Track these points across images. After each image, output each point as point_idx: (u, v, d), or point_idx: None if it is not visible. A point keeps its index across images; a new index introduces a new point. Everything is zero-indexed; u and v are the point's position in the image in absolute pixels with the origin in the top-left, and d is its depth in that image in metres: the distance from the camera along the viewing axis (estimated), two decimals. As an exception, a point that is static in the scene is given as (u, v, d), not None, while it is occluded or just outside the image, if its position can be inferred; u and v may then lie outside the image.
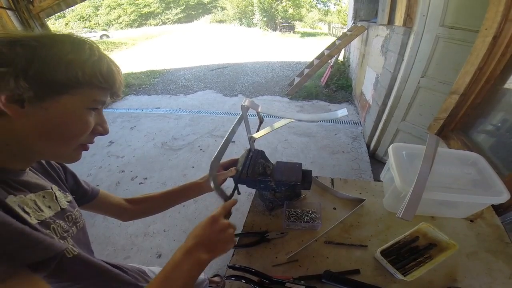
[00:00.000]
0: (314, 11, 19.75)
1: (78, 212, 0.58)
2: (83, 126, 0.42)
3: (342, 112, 0.70)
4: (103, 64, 0.41)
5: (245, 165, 0.85)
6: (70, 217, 0.54)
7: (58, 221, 0.48)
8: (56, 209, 0.50)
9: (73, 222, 0.55)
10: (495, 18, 0.99)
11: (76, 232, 0.55)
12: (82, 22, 21.13)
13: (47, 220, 0.45)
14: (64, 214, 0.52)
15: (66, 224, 0.51)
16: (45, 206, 0.47)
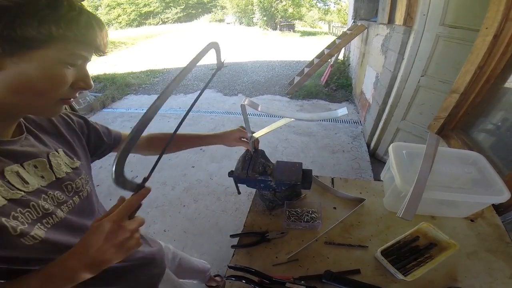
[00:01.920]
0: (314, 10, 19.69)
1: (82, 180, 0.56)
2: (58, 81, 0.41)
3: (342, 111, 0.70)
4: (81, 19, 0.39)
5: (245, 164, 0.85)
6: (70, 186, 0.52)
7: (52, 192, 0.48)
8: (50, 179, 0.49)
9: (74, 191, 0.53)
10: (495, 17, 0.98)
11: (79, 202, 0.54)
12: (81, 21, 21.06)
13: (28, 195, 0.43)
14: (62, 184, 0.51)
15: (64, 195, 0.50)
16: (36, 176, 0.46)
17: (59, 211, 0.49)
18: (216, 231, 1.92)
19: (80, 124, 0.64)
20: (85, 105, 4.20)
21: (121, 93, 5.03)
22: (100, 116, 4.17)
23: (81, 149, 0.61)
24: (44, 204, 0.45)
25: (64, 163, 0.53)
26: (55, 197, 0.49)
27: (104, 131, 0.72)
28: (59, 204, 0.49)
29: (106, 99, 4.59)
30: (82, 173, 0.57)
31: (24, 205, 0.42)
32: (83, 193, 0.56)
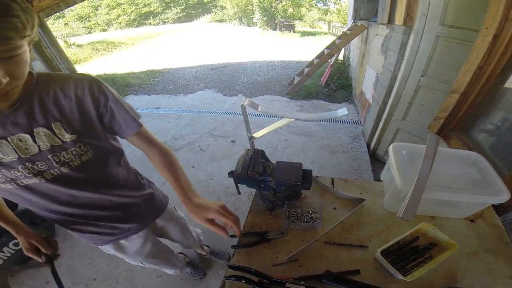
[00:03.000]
0: (314, 10, 19.69)
1: (73, 152, 0.63)
2: None
3: (342, 111, 0.70)
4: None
5: (245, 164, 0.85)
6: (55, 158, 0.61)
7: (28, 164, 0.58)
8: (33, 151, 0.58)
9: (62, 162, 0.62)
10: (495, 17, 0.98)
11: (69, 171, 0.64)
12: (81, 22, 21.10)
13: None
14: (46, 156, 0.60)
15: (42, 165, 0.60)
16: (22, 146, 0.56)
17: (36, 178, 0.61)
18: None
19: (97, 101, 0.65)
20: (85, 105, 4.20)
21: (121, 93, 5.02)
22: (100, 116, 4.17)
23: (82, 122, 0.64)
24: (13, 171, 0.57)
25: (54, 135, 0.60)
26: (32, 168, 0.59)
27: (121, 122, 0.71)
28: (39, 172, 0.61)
29: (106, 99, 4.59)
30: (73, 146, 0.63)
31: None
32: (74, 163, 0.65)
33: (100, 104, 0.66)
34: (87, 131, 0.66)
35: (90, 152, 0.67)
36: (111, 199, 0.80)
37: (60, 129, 0.60)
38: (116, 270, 1.71)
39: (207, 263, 1.72)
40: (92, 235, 0.85)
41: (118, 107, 0.70)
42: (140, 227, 0.94)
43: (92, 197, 0.75)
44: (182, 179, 0.75)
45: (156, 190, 1.03)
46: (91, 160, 0.68)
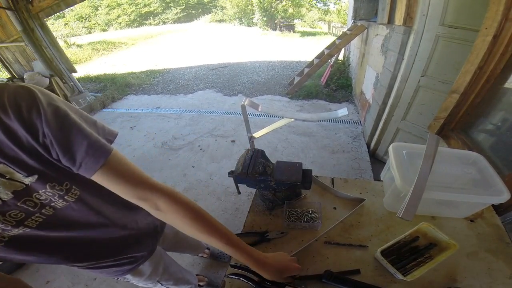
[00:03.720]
0: (314, 10, 19.70)
1: (47, 193, 0.49)
2: None
3: (342, 111, 0.70)
4: None
5: (245, 164, 0.85)
6: (30, 201, 0.48)
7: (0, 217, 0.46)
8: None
9: (40, 205, 0.49)
10: (495, 17, 0.98)
11: (54, 212, 0.52)
12: (81, 22, 21.10)
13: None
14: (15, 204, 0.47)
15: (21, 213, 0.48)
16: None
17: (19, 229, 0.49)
18: (216, 231, 1.92)
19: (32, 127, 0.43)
20: (85, 105, 4.20)
21: (121, 93, 5.04)
22: (100, 116, 4.17)
23: (37, 159, 0.45)
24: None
25: (7, 182, 0.44)
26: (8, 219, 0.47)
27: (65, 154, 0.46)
28: (19, 222, 0.49)
29: (106, 99, 4.60)
30: (47, 186, 0.48)
31: None
32: (58, 204, 0.52)
33: (37, 129, 0.43)
34: (49, 167, 0.47)
35: (74, 188, 0.53)
36: (118, 231, 0.70)
37: (10, 172, 0.44)
38: (116, 270, 1.71)
39: (207, 264, 1.72)
40: (109, 269, 0.75)
41: (66, 131, 0.45)
42: (153, 248, 0.88)
43: (96, 235, 0.64)
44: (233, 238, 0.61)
45: None
46: (81, 196, 0.55)
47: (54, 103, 0.45)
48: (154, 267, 0.91)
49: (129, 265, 0.79)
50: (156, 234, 0.90)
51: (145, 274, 0.88)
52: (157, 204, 0.56)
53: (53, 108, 0.45)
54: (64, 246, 0.59)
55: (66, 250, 0.60)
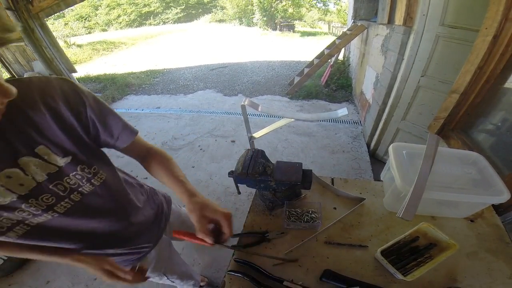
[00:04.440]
0: (314, 10, 19.70)
1: (77, 176, 0.54)
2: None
3: (342, 111, 0.70)
4: None
5: (245, 164, 0.85)
6: (61, 185, 0.52)
7: (33, 200, 0.49)
8: (31, 185, 0.49)
9: (69, 190, 0.54)
10: (495, 17, 0.98)
11: (81, 198, 0.57)
12: (81, 22, 21.10)
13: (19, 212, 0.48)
14: (47, 187, 0.51)
15: (52, 197, 0.52)
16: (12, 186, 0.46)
17: (47, 214, 0.52)
18: (216, 231, 1.92)
19: (76, 110, 0.53)
20: (85, 105, 4.20)
21: (121, 93, 5.04)
22: (100, 116, 4.17)
23: (74, 141, 0.53)
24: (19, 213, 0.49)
25: (44, 163, 0.49)
26: (41, 203, 0.51)
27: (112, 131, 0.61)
28: (49, 207, 0.52)
29: (106, 99, 4.60)
30: (77, 169, 0.54)
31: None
32: (84, 188, 0.57)
33: (80, 112, 0.53)
34: (82, 149, 0.55)
35: (100, 173, 0.60)
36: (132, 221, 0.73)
37: (48, 153, 0.49)
38: (116, 270, 1.71)
39: (207, 265, 1.72)
40: (123, 256, 0.79)
41: (104, 113, 0.58)
42: (159, 236, 0.90)
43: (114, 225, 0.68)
44: (187, 182, 0.68)
45: (159, 194, 0.96)
46: (106, 182, 0.62)
47: (91, 93, 0.57)
48: (159, 257, 0.93)
49: (138, 254, 0.82)
50: (160, 222, 0.91)
51: (151, 264, 0.90)
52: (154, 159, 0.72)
53: (92, 96, 0.57)
54: (85, 234, 0.62)
55: (86, 238, 0.63)
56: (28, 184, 0.48)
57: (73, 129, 0.53)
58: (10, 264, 1.66)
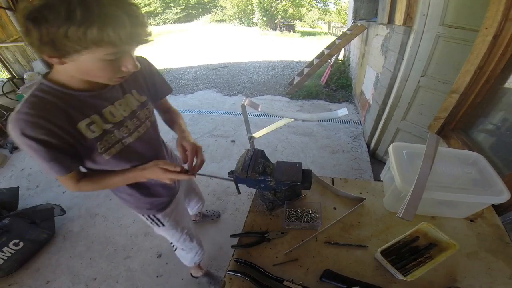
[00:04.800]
0: (314, 10, 19.71)
1: (149, 110, 0.84)
2: (101, 72, 0.57)
3: (342, 111, 0.70)
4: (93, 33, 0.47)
5: (245, 164, 0.85)
6: (139, 114, 0.79)
7: (127, 121, 0.75)
8: (129, 110, 0.75)
9: (146, 119, 0.82)
10: (495, 17, 0.98)
11: (150, 126, 0.84)
12: (81, 21, 21.07)
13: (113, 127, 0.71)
14: (133, 116, 0.77)
15: (136, 122, 0.78)
16: (121, 110, 0.73)
17: (132, 136, 0.76)
18: (216, 231, 1.92)
19: (148, 72, 0.85)
20: (85, 105, 4.20)
21: (121, 93, 5.03)
22: (100, 116, 4.16)
23: (146, 88, 0.84)
24: (121, 131, 0.73)
25: (135, 99, 0.78)
26: (131, 124, 0.76)
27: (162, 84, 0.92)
28: (134, 129, 0.77)
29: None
30: (148, 105, 0.83)
31: (111, 133, 0.70)
32: (151, 118, 0.85)
33: (151, 77, 0.86)
34: (149, 96, 0.86)
35: (152, 113, 0.87)
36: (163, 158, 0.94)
37: (134, 93, 0.78)
38: (116, 270, 1.71)
39: (205, 265, 1.72)
40: (159, 199, 0.98)
41: (160, 78, 0.90)
42: (177, 190, 1.09)
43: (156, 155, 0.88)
44: (183, 125, 0.93)
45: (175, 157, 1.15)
46: (154, 123, 0.88)
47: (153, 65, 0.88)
48: (175, 211, 1.09)
49: (161, 204, 1.01)
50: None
51: (168, 216, 1.06)
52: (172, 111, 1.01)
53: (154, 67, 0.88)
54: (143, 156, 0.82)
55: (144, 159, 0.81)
56: (127, 109, 0.75)
57: (147, 83, 0.84)
58: (10, 264, 1.66)
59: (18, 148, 3.37)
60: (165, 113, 1.00)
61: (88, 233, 2.00)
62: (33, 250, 1.80)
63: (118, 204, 2.22)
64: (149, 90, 0.85)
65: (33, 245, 1.78)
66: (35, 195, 2.45)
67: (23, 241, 1.68)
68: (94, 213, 2.16)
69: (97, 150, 0.67)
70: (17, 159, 3.13)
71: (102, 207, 2.20)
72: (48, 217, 1.92)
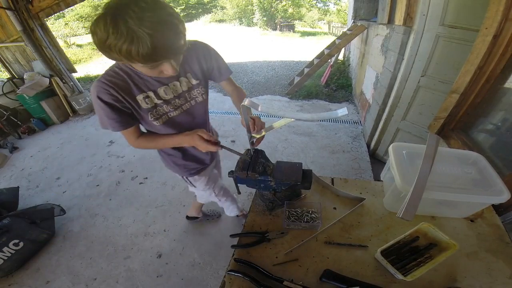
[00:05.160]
0: (314, 10, 19.71)
1: (198, 91, 0.97)
2: (149, 73, 0.77)
3: (342, 111, 0.70)
4: (122, 49, 0.57)
5: (245, 164, 0.85)
6: (187, 95, 0.94)
7: (175, 100, 0.91)
8: (178, 92, 0.91)
9: (192, 99, 0.96)
10: (495, 17, 0.98)
11: (194, 104, 0.97)
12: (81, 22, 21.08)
13: (163, 103, 0.88)
14: (181, 96, 0.92)
15: (183, 100, 0.93)
16: (172, 91, 0.89)
17: (177, 111, 0.93)
18: (216, 231, 1.92)
19: (209, 58, 0.96)
20: (85, 105, 4.20)
21: (121, 93, 5.03)
22: (100, 116, 4.16)
23: (201, 73, 0.95)
24: (168, 107, 0.90)
25: (187, 82, 0.92)
26: (176, 102, 0.91)
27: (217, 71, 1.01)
28: (179, 106, 0.93)
29: (106, 99, 4.59)
30: (199, 87, 0.96)
31: (160, 107, 0.88)
32: (198, 99, 0.98)
33: (208, 62, 0.96)
34: (203, 79, 0.97)
35: (204, 94, 0.99)
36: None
37: (190, 77, 0.92)
38: (116, 270, 1.71)
39: (205, 265, 1.72)
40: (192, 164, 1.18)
41: (218, 62, 0.99)
42: (214, 157, 1.31)
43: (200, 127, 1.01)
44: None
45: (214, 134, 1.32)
46: (204, 100, 1.01)
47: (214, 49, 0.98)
48: (207, 178, 1.31)
49: (194, 170, 1.22)
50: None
51: (199, 181, 1.29)
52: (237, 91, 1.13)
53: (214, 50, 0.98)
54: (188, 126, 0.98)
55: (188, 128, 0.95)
56: (178, 90, 0.91)
57: (202, 67, 0.95)
58: (10, 264, 1.66)
59: (18, 148, 3.37)
60: (231, 95, 1.13)
61: (88, 233, 2.00)
62: (33, 250, 1.81)
63: (118, 204, 2.22)
64: (204, 74, 0.96)
65: (33, 245, 1.78)
66: (35, 195, 2.45)
67: (23, 241, 1.68)
68: (94, 213, 2.16)
69: (149, 117, 0.87)
70: (17, 159, 3.13)
71: (102, 207, 2.20)
72: (48, 217, 1.92)
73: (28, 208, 1.89)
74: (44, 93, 3.80)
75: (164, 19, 0.57)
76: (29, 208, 1.89)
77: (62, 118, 4.09)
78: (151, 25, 0.55)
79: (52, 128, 3.94)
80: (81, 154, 3.02)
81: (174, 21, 0.59)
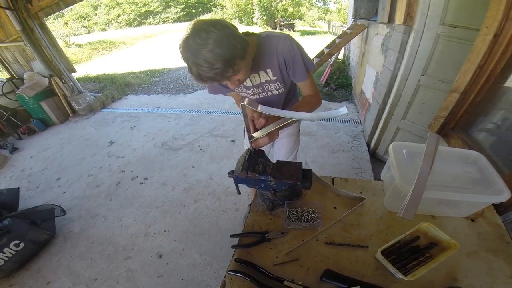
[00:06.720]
0: (314, 9, 19.69)
1: (275, 86, 1.07)
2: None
3: (342, 110, 0.70)
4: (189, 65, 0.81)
5: (245, 164, 0.85)
6: (264, 86, 1.07)
7: (253, 88, 1.08)
8: (256, 82, 1.06)
9: (268, 91, 1.09)
10: (496, 16, 0.98)
11: (270, 95, 1.11)
12: (81, 21, 21.08)
13: (244, 87, 1.09)
14: (258, 86, 1.07)
15: (258, 89, 1.09)
16: (254, 80, 1.05)
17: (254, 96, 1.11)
18: (216, 231, 1.92)
19: (288, 59, 0.98)
20: (85, 105, 4.20)
21: (120, 93, 5.04)
22: (100, 116, 4.17)
23: (279, 70, 1.01)
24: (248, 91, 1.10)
25: (265, 76, 1.03)
26: (253, 90, 1.09)
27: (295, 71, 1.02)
28: (256, 93, 1.10)
29: (106, 99, 4.60)
30: (275, 82, 1.05)
31: (246, 88, 1.09)
32: (273, 92, 1.09)
33: (288, 60, 0.98)
34: (281, 75, 1.03)
35: (281, 89, 1.08)
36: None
37: (269, 72, 1.02)
38: (116, 271, 1.71)
39: (205, 265, 1.72)
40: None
41: (295, 65, 0.99)
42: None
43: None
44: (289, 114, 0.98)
45: None
46: (280, 94, 1.11)
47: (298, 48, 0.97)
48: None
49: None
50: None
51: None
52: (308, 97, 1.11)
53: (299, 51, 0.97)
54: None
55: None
56: (257, 81, 1.06)
57: (281, 65, 1.00)
58: (10, 264, 1.66)
59: (18, 148, 3.37)
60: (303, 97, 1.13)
61: (89, 233, 2.00)
62: (34, 250, 1.81)
63: (119, 205, 2.22)
64: (281, 73, 1.02)
65: (33, 245, 1.79)
66: (35, 196, 2.45)
67: (23, 242, 1.68)
68: (95, 213, 2.16)
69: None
70: (17, 159, 3.14)
71: (103, 207, 2.20)
72: (49, 218, 1.92)
73: (28, 209, 1.89)
74: (43, 93, 3.80)
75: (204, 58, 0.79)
76: (29, 208, 1.89)
77: (62, 118, 4.09)
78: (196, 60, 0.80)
79: (52, 129, 3.94)
80: (81, 155, 3.02)
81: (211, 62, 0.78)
